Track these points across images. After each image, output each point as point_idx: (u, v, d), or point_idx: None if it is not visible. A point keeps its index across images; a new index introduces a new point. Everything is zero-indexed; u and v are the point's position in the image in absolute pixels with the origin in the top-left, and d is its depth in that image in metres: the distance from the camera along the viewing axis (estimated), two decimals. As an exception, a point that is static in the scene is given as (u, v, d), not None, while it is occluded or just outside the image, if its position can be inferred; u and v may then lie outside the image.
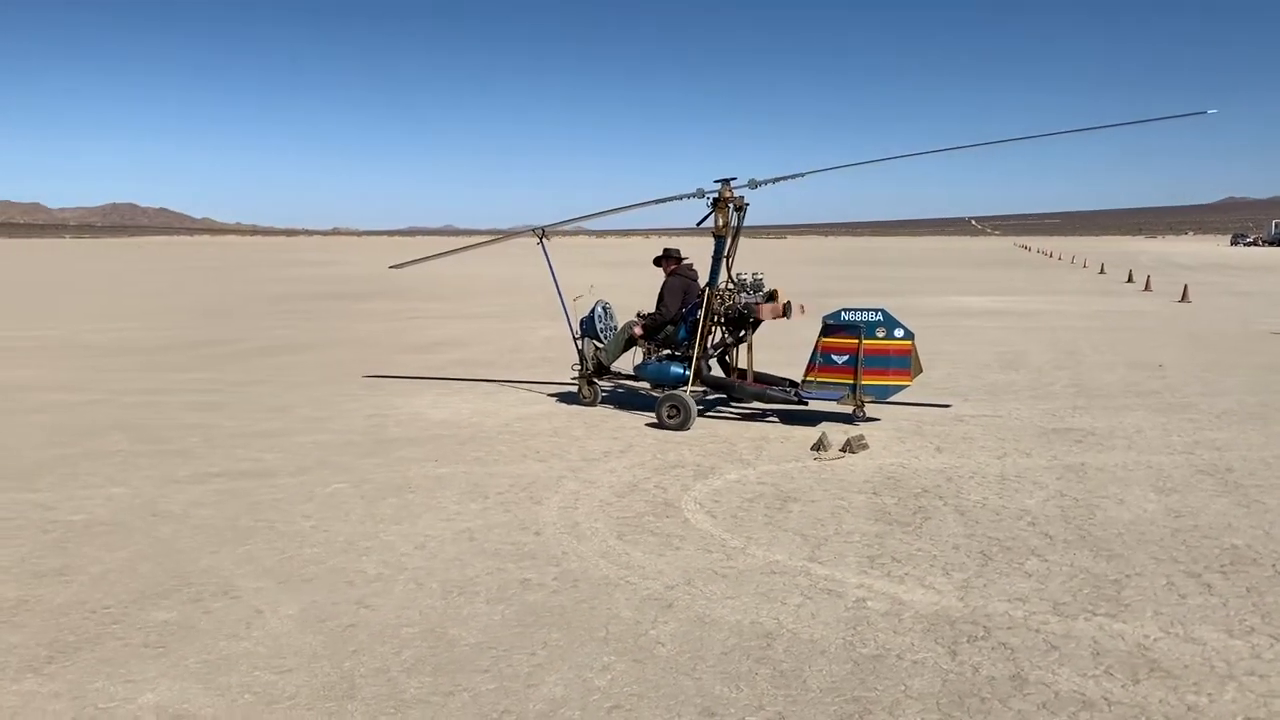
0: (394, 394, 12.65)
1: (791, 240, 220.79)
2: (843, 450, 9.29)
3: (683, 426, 10.27)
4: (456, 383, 13.64)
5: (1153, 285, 34.23)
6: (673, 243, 20.29)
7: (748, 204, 11.09)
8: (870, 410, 10.90)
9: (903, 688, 4.56)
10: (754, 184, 11.00)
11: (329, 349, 17.85)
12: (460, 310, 26.41)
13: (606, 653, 4.92)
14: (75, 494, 7.85)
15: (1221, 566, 6.17)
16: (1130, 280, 38.91)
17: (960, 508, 7.46)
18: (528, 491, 7.90)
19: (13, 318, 24.46)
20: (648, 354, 11.45)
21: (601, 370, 11.77)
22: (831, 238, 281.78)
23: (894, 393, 10.59)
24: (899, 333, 10.41)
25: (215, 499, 7.72)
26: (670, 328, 11.26)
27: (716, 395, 11.49)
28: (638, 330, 11.40)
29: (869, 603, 5.58)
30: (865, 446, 9.40)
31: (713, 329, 11.09)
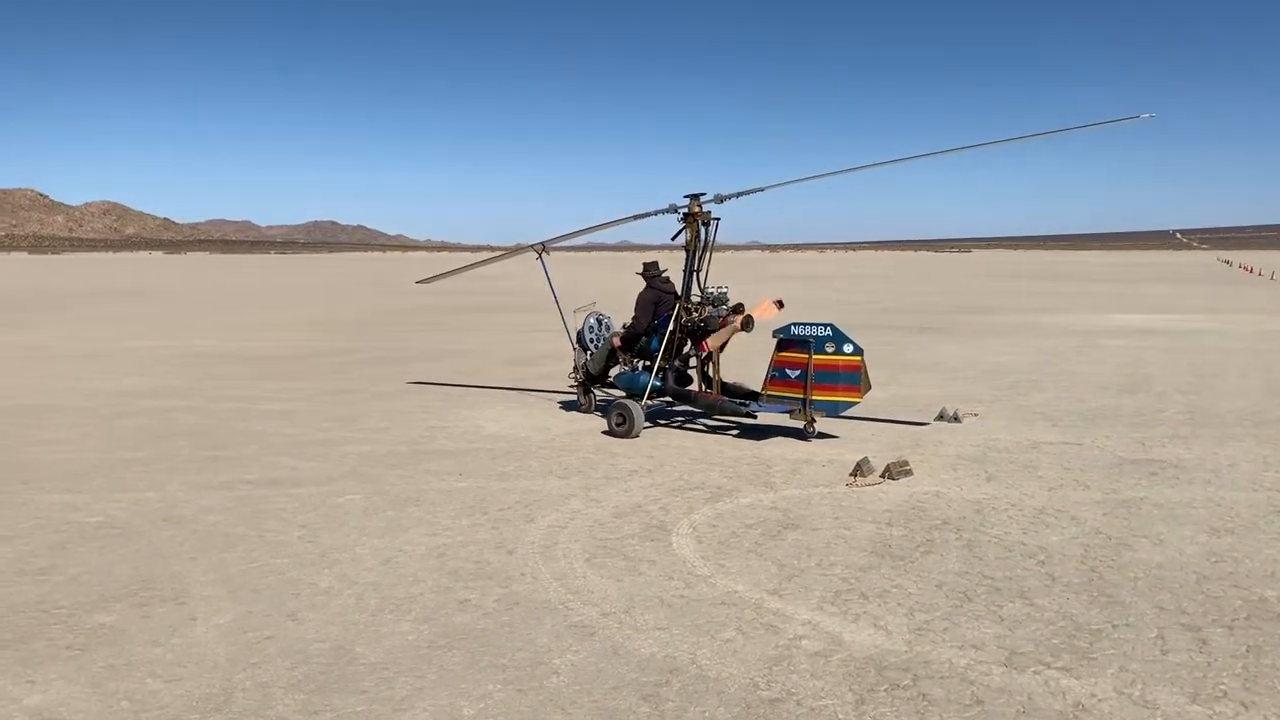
0: (463, 406, 12.82)
1: (976, 254, 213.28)
2: (882, 476, 8.81)
3: (628, 434, 10.47)
4: (530, 396, 13.71)
5: (1345, 303, 31.25)
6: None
7: (717, 219, 11.33)
8: (937, 434, 10.33)
9: (782, 738, 4.20)
10: (719, 199, 11.23)
11: (436, 360, 18.29)
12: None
13: (495, 681, 4.75)
14: (108, 497, 8.25)
15: (1233, 621, 5.46)
16: (1324, 298, 35.67)
17: (972, 542, 6.91)
18: (528, 509, 7.80)
19: (167, 329, 26.21)
20: (626, 364, 11.62)
21: (594, 379, 12.03)
22: (1020, 251, 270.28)
23: (845, 409, 10.37)
24: (848, 348, 10.17)
25: (229, 506, 7.96)
26: (644, 339, 11.41)
27: (684, 405, 11.61)
28: (616, 342, 11.65)
29: (804, 641, 5.20)
30: (908, 473, 8.88)
31: (683, 340, 11.24)
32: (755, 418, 10.82)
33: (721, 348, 11.07)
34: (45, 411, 12.61)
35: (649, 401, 10.98)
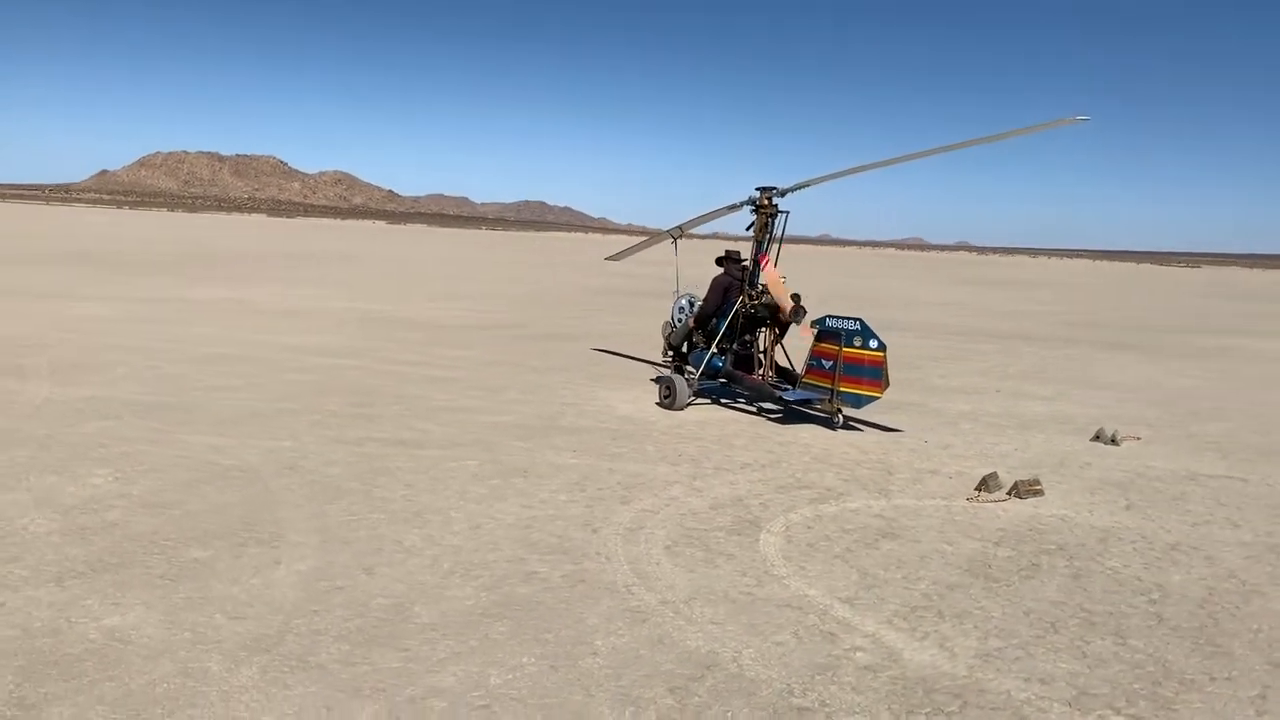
0: (603, 386, 12.96)
1: (1205, 269, 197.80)
2: (1009, 493, 8.36)
3: (672, 406, 11.34)
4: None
5: None
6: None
7: (783, 211, 11.73)
8: (1088, 455, 9.74)
9: (797, 748, 4.06)
10: (781, 192, 11.65)
11: (601, 339, 18.58)
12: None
13: (532, 654, 4.80)
14: (248, 443, 8.80)
15: (1355, 690, 4.88)
16: None
17: (1081, 572, 6.46)
18: (627, 491, 7.82)
19: (365, 293, 27.70)
20: (701, 344, 12.20)
21: (683, 358, 12.60)
22: (1257, 269, 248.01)
23: (867, 402, 10.51)
24: (873, 344, 10.33)
25: (351, 460, 8.35)
26: (714, 321, 12.04)
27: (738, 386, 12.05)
28: (691, 323, 12.42)
29: (858, 653, 5.00)
30: (1038, 493, 8.39)
31: (745, 325, 11.82)
32: (787, 403, 11.15)
33: (782, 335, 11.76)
34: (229, 360, 13.56)
35: (705, 380, 11.87)
